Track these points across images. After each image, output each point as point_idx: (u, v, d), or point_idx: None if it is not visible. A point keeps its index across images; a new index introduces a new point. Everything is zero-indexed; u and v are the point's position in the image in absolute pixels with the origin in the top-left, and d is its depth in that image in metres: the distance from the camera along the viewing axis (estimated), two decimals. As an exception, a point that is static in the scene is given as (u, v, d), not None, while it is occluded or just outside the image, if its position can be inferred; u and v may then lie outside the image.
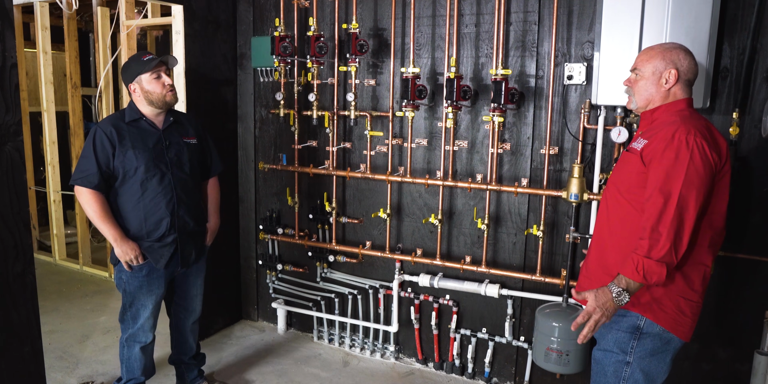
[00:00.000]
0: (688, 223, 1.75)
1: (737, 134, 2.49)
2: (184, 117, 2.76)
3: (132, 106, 2.56)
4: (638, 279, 1.76)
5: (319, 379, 3.22)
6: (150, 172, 2.49)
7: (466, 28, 2.98)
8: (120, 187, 2.50)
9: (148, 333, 2.68)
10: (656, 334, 1.91)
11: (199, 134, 2.75)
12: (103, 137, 2.45)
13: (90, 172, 2.43)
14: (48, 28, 4.60)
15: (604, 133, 2.68)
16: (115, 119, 2.53)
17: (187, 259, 2.67)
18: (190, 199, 2.65)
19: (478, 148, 3.05)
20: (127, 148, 2.47)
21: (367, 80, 3.27)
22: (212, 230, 2.84)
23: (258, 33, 3.59)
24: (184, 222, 2.61)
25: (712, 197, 1.83)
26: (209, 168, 2.84)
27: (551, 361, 2.62)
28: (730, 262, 2.60)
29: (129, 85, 2.53)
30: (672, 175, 1.76)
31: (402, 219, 3.31)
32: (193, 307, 2.87)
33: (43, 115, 4.78)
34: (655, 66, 1.90)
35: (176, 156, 2.59)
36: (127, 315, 2.63)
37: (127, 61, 2.58)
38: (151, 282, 2.59)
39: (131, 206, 2.51)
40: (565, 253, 2.90)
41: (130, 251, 2.49)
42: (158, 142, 2.55)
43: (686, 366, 2.76)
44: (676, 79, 1.88)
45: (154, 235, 2.54)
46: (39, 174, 5.36)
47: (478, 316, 3.19)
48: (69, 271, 4.91)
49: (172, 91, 2.55)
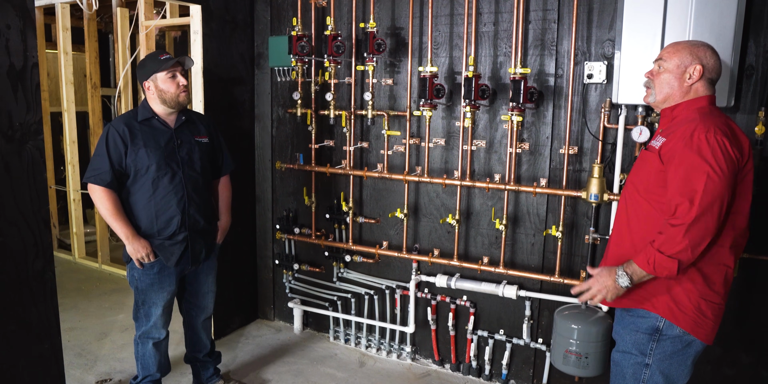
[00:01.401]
0: (711, 223, 1.71)
1: (763, 133, 2.43)
2: (196, 116, 2.77)
3: (145, 105, 2.57)
4: (648, 270, 1.77)
5: (335, 379, 3.21)
6: (161, 171, 2.51)
7: (485, 26, 2.95)
8: (132, 186, 2.52)
9: (161, 330, 2.70)
10: (676, 336, 1.87)
11: (211, 133, 2.76)
12: (115, 136, 2.47)
13: (103, 170, 2.45)
14: (69, 29, 4.65)
15: (625, 133, 2.63)
16: (127, 118, 2.54)
17: (198, 256, 2.69)
18: (201, 197, 2.66)
19: (496, 148, 3.02)
20: (139, 146, 2.48)
21: (385, 79, 3.26)
22: (223, 229, 2.86)
23: (275, 32, 3.59)
24: (194, 220, 2.62)
25: (735, 197, 1.79)
26: (220, 167, 2.85)
27: (570, 364, 2.59)
28: (754, 264, 2.54)
29: (144, 83, 2.54)
30: (693, 175, 1.72)
31: (419, 219, 3.29)
32: (205, 304, 2.88)
33: (64, 115, 4.83)
34: (681, 60, 1.87)
35: (187, 155, 2.60)
36: (140, 312, 2.65)
37: (144, 58, 2.59)
38: (162, 279, 2.61)
39: (142, 204, 2.53)
40: (584, 254, 2.86)
41: (141, 249, 2.50)
42: (170, 140, 2.56)
43: (708, 370, 2.71)
44: (700, 75, 1.85)
45: (164, 233, 2.56)
46: (59, 173, 5.43)
47: (496, 318, 3.16)
48: (88, 270, 4.96)
49: (186, 91, 2.56)
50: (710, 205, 1.70)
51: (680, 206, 1.73)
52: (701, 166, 1.71)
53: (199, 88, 3.35)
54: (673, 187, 1.77)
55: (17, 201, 2.22)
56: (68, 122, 4.83)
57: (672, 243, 1.72)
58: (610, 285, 1.86)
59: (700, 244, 1.72)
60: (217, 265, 2.88)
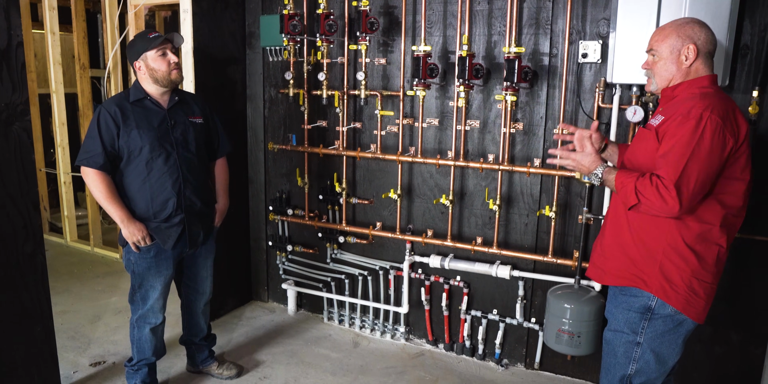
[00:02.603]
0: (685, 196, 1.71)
1: (756, 113, 2.43)
2: (190, 96, 2.72)
3: (137, 86, 2.53)
4: (617, 187, 1.84)
5: (330, 359, 3.23)
6: (155, 152, 2.47)
7: (479, 5, 2.91)
8: (125, 168, 2.48)
9: (158, 314, 2.68)
10: (668, 315, 1.89)
11: (206, 114, 2.72)
12: (107, 117, 2.42)
13: (95, 153, 2.41)
14: (55, 9, 4.56)
15: (619, 113, 2.62)
16: (119, 99, 2.50)
17: (195, 239, 2.66)
18: (197, 179, 2.63)
19: (490, 128, 3.00)
20: (131, 127, 2.44)
21: (378, 59, 3.22)
22: (221, 211, 2.83)
23: (267, 11, 3.54)
24: (190, 202, 2.59)
25: (725, 178, 1.79)
26: (216, 148, 2.81)
27: (562, 343, 2.61)
28: (747, 243, 2.55)
29: (134, 63, 2.49)
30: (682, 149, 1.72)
31: (413, 200, 3.29)
32: (204, 288, 2.87)
33: (52, 97, 4.76)
34: (672, 44, 1.85)
35: (182, 135, 2.56)
36: (137, 296, 2.63)
37: (133, 38, 2.54)
38: (160, 263, 2.58)
39: (137, 187, 2.49)
40: (577, 234, 2.87)
41: (137, 232, 2.47)
42: (163, 121, 2.52)
43: (698, 349, 2.74)
44: (696, 54, 1.83)
45: (160, 215, 2.52)
46: (49, 156, 5.37)
47: (489, 298, 3.17)
48: (80, 253, 4.94)
49: (177, 69, 2.50)
50: (689, 180, 1.71)
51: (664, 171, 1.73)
52: (690, 142, 1.71)
53: (190, 69, 3.30)
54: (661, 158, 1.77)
55: (5, 183, 2.20)
56: (57, 104, 4.76)
57: (648, 191, 1.74)
58: (584, 168, 1.94)
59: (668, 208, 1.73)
60: (215, 249, 2.86)
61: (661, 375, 1.96)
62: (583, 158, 1.94)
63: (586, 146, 1.96)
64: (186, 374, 3.04)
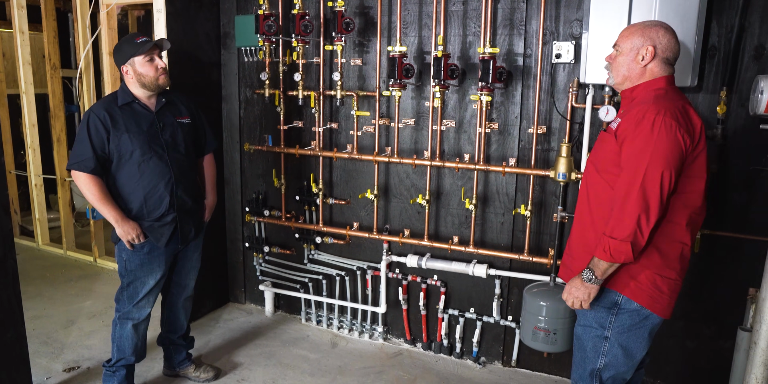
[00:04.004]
0: (653, 203, 1.76)
1: (724, 113, 2.49)
2: (176, 96, 2.74)
3: (124, 89, 2.56)
4: (607, 259, 1.81)
5: (308, 360, 3.22)
6: (146, 155, 2.51)
7: (454, 6, 2.93)
8: (117, 170, 2.52)
9: (143, 310, 2.68)
10: (633, 310, 1.93)
11: (192, 113, 2.76)
12: (96, 122, 2.46)
13: (86, 157, 2.45)
14: (24, 7, 4.48)
15: (592, 112, 2.66)
16: (107, 103, 2.53)
17: (187, 236, 2.71)
18: (187, 178, 2.68)
19: (465, 128, 3.03)
20: (121, 131, 2.48)
21: (354, 59, 3.23)
22: (210, 207, 2.88)
23: (241, 12, 3.52)
24: (182, 201, 2.64)
25: (687, 177, 1.84)
26: (204, 145, 2.85)
27: (539, 340, 2.64)
28: (713, 240, 2.62)
29: (121, 67, 2.52)
30: (639, 156, 1.77)
31: (389, 200, 3.30)
32: (187, 282, 2.88)
33: (22, 98, 4.67)
34: (633, 42, 1.90)
35: (171, 137, 2.61)
36: (124, 294, 2.65)
37: (119, 42, 2.56)
38: (152, 260, 2.62)
39: (130, 188, 2.54)
40: (552, 232, 2.91)
41: (131, 231, 2.52)
42: (152, 124, 2.56)
43: (671, 343, 2.80)
44: (652, 56, 1.88)
45: (154, 214, 2.57)
46: (19, 158, 5.27)
47: (466, 297, 3.20)
48: (52, 256, 4.85)
49: (165, 74, 2.55)
50: (653, 186, 1.75)
51: (625, 188, 1.78)
52: (646, 147, 1.76)
53: (164, 69, 3.26)
54: (623, 168, 1.82)
55: (-26, 185, 2.14)
56: (27, 105, 4.67)
57: (621, 227, 1.78)
58: (581, 293, 1.90)
59: (645, 224, 1.76)
60: (202, 243, 2.89)
61: (630, 368, 2.01)
62: (567, 288, 1.96)
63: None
64: (163, 378, 3.01)
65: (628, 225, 1.76)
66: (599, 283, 1.87)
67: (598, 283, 1.87)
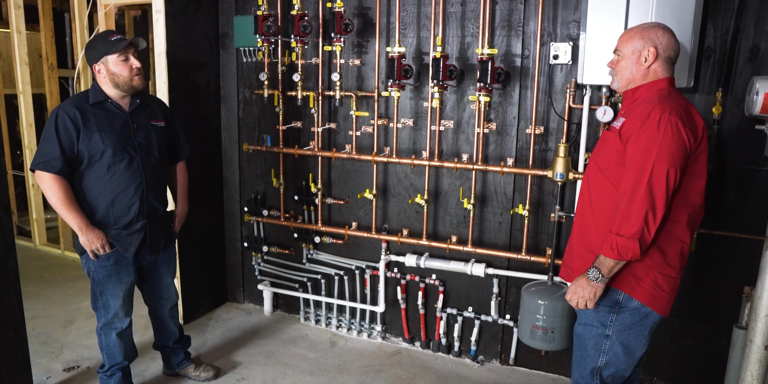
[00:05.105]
0: (660, 200, 1.78)
1: (720, 113, 2.52)
2: (152, 99, 2.65)
3: (96, 87, 2.42)
4: (614, 256, 1.82)
5: (307, 359, 3.24)
6: (118, 156, 2.38)
7: (452, 7, 2.95)
8: (85, 171, 2.39)
9: (123, 319, 2.61)
10: (634, 308, 1.95)
11: (167, 117, 2.65)
12: (66, 119, 2.31)
13: (53, 156, 2.30)
14: (21, 7, 4.48)
15: (590, 113, 2.69)
16: (78, 101, 2.39)
17: (156, 245, 2.59)
18: (160, 183, 2.57)
19: (464, 128, 3.05)
20: (92, 131, 2.34)
21: (352, 60, 3.24)
22: (180, 216, 2.77)
23: (240, 12, 3.53)
24: (153, 207, 2.52)
25: (688, 176, 1.87)
26: (178, 152, 2.75)
27: (537, 339, 2.66)
28: (709, 239, 2.65)
29: (93, 66, 2.39)
30: (645, 154, 1.79)
31: (388, 199, 3.31)
32: (168, 295, 2.81)
33: (19, 98, 4.66)
34: (634, 45, 1.93)
35: (145, 139, 2.48)
36: (99, 303, 2.56)
37: (92, 39, 2.43)
38: (120, 270, 2.51)
39: (98, 191, 2.40)
40: (550, 232, 2.93)
41: (96, 240, 2.39)
42: (125, 125, 2.43)
43: (667, 342, 2.82)
44: (655, 56, 1.91)
45: (121, 221, 2.44)
46: (16, 158, 5.26)
47: (464, 295, 3.22)
48: (50, 256, 4.85)
49: (140, 74, 2.41)
50: (659, 183, 1.77)
51: (631, 185, 1.80)
52: (652, 145, 1.78)
53: (163, 70, 3.27)
54: (627, 165, 1.84)
55: (-25, 186, 2.15)
56: (24, 105, 4.67)
57: (628, 224, 1.79)
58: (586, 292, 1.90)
59: (652, 221, 1.78)
60: (176, 255, 2.79)
61: (630, 366, 2.03)
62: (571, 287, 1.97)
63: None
64: (162, 377, 3.02)
65: (636, 222, 1.78)
66: (605, 281, 1.88)
67: (604, 282, 1.88)
